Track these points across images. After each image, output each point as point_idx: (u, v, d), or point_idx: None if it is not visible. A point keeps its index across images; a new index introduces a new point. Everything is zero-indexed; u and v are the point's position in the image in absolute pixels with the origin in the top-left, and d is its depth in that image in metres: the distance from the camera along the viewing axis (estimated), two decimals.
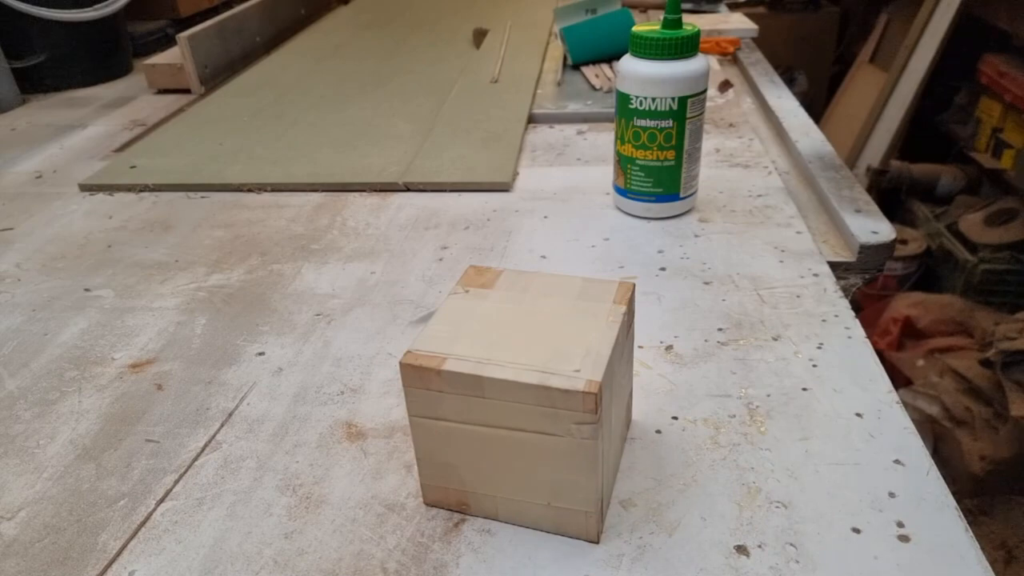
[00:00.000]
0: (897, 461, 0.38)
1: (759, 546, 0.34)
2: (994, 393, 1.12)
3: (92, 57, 1.06)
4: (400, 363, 0.32)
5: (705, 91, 0.59)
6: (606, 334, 0.33)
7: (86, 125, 0.92)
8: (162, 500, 0.38)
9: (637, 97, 0.58)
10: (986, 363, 1.17)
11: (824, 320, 0.49)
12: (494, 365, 0.31)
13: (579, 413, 0.30)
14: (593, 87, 0.93)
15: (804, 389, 0.43)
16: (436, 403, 0.33)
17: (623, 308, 0.35)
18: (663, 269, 0.56)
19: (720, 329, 0.48)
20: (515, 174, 0.72)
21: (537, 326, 0.34)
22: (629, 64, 0.58)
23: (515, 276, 0.38)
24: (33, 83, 1.02)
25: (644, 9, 1.26)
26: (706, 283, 0.54)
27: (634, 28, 0.58)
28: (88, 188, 0.74)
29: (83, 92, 1.04)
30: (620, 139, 0.61)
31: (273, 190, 0.72)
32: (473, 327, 0.34)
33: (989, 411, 1.11)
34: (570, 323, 0.34)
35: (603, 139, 0.81)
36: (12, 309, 0.55)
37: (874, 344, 0.46)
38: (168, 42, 1.19)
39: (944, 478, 0.37)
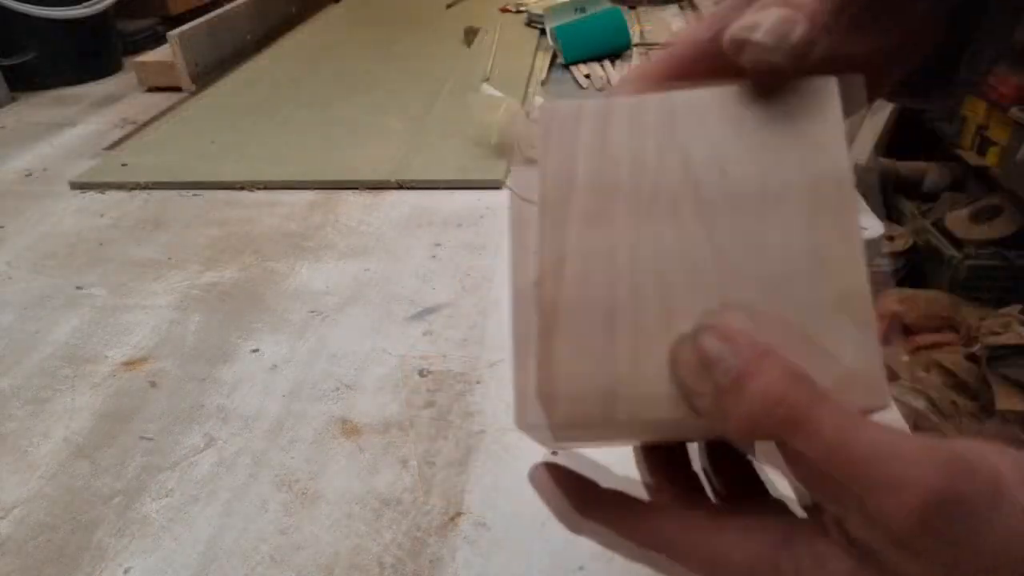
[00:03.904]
0: None
1: None
2: (980, 387, 1.13)
3: (82, 55, 1.05)
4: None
5: None
6: None
7: (76, 123, 0.91)
8: (157, 497, 0.38)
9: None
10: (972, 358, 1.18)
11: None
12: None
13: None
14: (581, 86, 0.93)
15: None
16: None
17: None
18: None
19: None
20: (508, 171, 0.73)
21: None
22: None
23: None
24: (22, 81, 1.01)
25: (633, 6, 1.26)
26: None
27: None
28: (79, 186, 0.73)
29: (73, 90, 1.03)
30: None
31: (266, 188, 0.72)
32: None
33: (975, 405, 1.12)
34: None
35: None
36: (3, 307, 0.55)
37: None
38: (158, 40, 1.19)
39: None
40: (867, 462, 0.13)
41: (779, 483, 0.18)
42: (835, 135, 0.17)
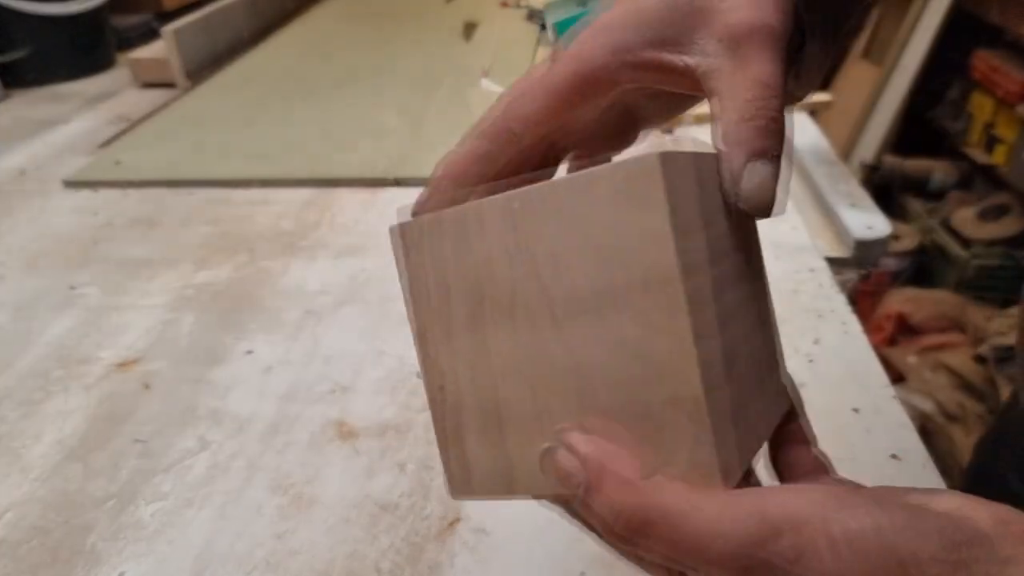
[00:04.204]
0: (894, 456, 0.38)
1: None
2: (987, 389, 1.13)
3: (75, 51, 1.04)
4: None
5: None
6: None
7: (70, 120, 0.90)
8: (151, 501, 0.37)
9: None
10: (979, 359, 1.18)
11: (821, 316, 0.48)
12: None
13: None
14: None
15: (801, 385, 0.42)
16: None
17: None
18: None
19: None
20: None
21: None
22: None
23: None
24: (15, 78, 1.00)
25: None
26: None
27: None
28: (73, 184, 0.73)
29: (66, 87, 1.02)
30: None
31: (261, 185, 0.71)
32: None
33: (982, 407, 1.11)
34: None
35: None
36: None
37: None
38: (152, 36, 1.18)
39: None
40: (694, 547, 0.15)
41: None
42: (659, 225, 0.16)
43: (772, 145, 0.20)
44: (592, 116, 0.23)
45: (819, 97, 0.89)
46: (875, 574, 0.14)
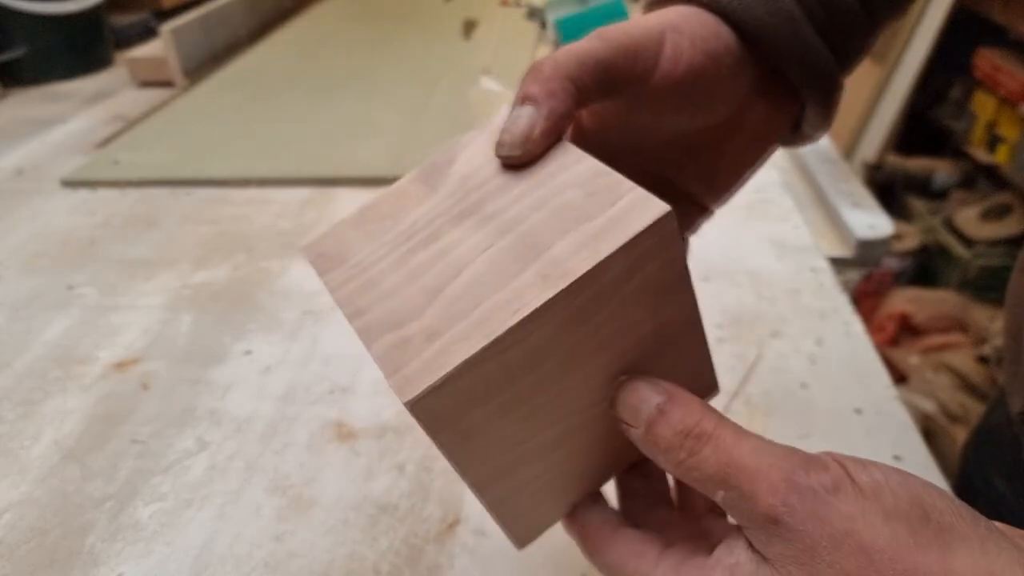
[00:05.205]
0: (896, 457, 0.37)
1: None
2: (989, 389, 1.12)
3: (73, 50, 1.04)
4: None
5: None
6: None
7: (67, 120, 0.90)
8: (150, 502, 0.37)
9: None
10: (982, 359, 1.17)
11: (823, 316, 0.48)
12: None
13: None
14: None
15: (803, 386, 0.42)
16: None
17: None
18: None
19: (718, 325, 0.48)
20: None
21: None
22: None
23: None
24: (13, 77, 1.00)
25: None
26: (704, 279, 0.53)
27: None
28: (70, 184, 0.72)
29: (64, 86, 1.02)
30: None
31: (259, 185, 0.71)
32: None
33: (985, 407, 1.11)
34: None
35: None
36: None
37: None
38: (150, 34, 1.17)
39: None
40: (746, 459, 0.18)
41: None
42: None
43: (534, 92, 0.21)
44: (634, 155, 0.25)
45: None
46: (900, 516, 0.16)
